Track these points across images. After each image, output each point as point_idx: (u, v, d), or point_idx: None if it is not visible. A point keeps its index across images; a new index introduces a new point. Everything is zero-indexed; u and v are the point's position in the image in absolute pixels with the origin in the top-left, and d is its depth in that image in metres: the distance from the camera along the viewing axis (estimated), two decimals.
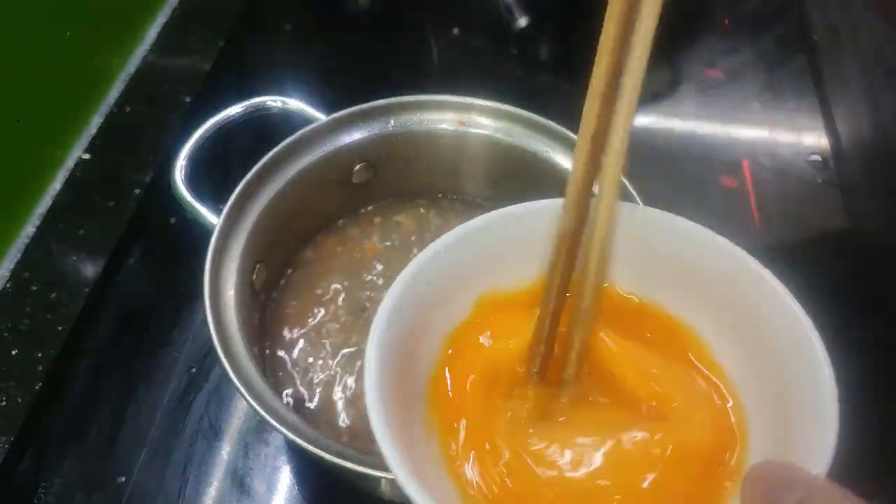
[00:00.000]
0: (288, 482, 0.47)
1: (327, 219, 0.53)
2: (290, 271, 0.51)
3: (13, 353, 0.50)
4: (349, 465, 0.34)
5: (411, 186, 0.54)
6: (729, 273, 0.28)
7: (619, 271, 0.30)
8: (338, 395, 0.45)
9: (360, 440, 0.43)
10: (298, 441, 0.34)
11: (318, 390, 0.45)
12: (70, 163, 0.63)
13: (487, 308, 0.31)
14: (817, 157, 0.66)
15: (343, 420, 0.44)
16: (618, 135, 0.26)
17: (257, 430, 0.49)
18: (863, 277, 0.58)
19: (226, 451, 0.48)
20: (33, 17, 0.58)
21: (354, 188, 0.51)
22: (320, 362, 0.46)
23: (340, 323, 0.48)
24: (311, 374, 0.46)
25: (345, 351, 0.47)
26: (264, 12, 0.78)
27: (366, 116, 0.48)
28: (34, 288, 0.54)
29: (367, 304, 0.49)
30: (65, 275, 0.55)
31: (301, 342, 0.47)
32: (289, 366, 0.46)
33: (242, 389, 0.36)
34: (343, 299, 0.49)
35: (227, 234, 0.43)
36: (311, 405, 0.45)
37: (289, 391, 0.45)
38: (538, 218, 0.30)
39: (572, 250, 0.28)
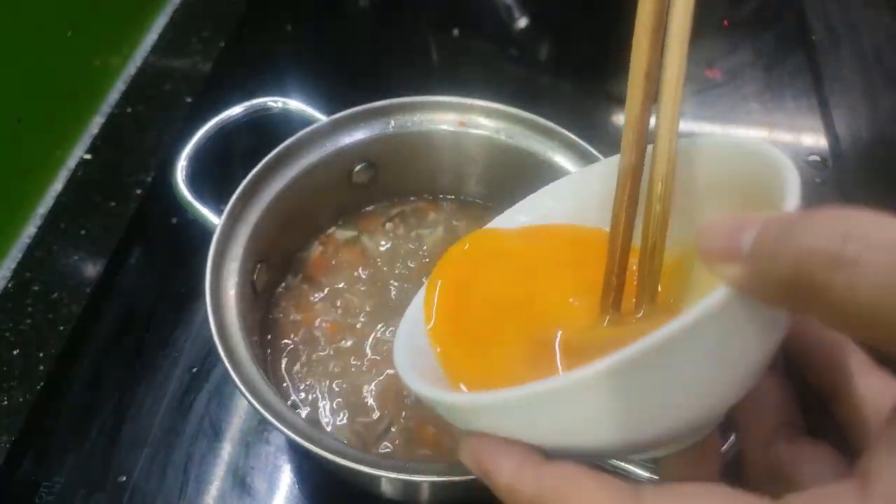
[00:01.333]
0: (289, 481, 0.47)
1: (328, 219, 0.53)
2: (290, 271, 0.51)
3: (14, 352, 0.51)
4: (350, 464, 0.34)
5: (412, 187, 0.54)
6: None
7: None
8: (330, 401, 0.45)
9: None
10: (299, 440, 0.34)
11: (312, 396, 0.45)
12: (71, 163, 0.63)
13: None
14: (816, 158, 0.66)
15: (331, 428, 0.44)
16: (672, 70, 0.27)
17: (258, 429, 0.49)
18: None
19: (227, 450, 0.48)
20: (34, 17, 0.58)
21: (355, 188, 0.52)
22: (317, 363, 0.47)
23: (339, 323, 0.48)
24: (307, 379, 0.46)
25: (342, 352, 0.47)
26: (265, 13, 0.78)
27: (366, 117, 0.48)
28: (35, 288, 0.54)
29: (367, 304, 0.49)
30: (66, 275, 0.55)
31: (300, 344, 0.47)
32: (284, 372, 0.46)
33: (243, 389, 0.36)
34: (342, 299, 0.49)
35: (228, 234, 0.43)
36: (302, 413, 0.44)
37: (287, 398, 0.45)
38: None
39: (634, 188, 0.29)
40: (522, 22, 0.74)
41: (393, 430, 0.44)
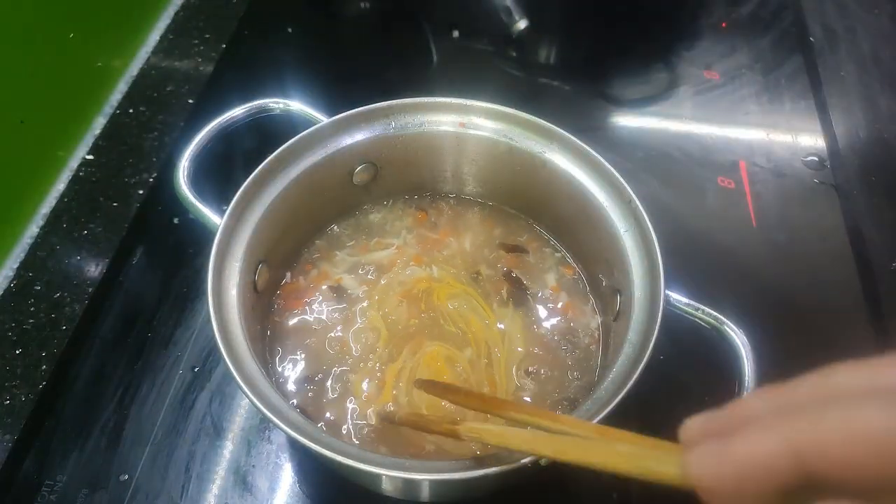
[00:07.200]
0: (290, 479, 0.47)
1: (328, 219, 0.53)
2: (291, 271, 0.51)
3: (17, 352, 0.51)
4: (351, 462, 0.34)
5: (412, 187, 0.55)
6: None
7: None
8: (327, 401, 0.45)
9: None
10: (300, 439, 0.34)
11: (313, 394, 0.46)
12: (73, 163, 0.63)
13: None
14: (814, 158, 0.67)
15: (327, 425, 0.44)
16: None
17: (259, 427, 0.49)
18: (858, 275, 0.58)
19: (228, 448, 0.48)
20: (36, 19, 0.59)
21: (355, 189, 0.52)
22: (318, 361, 0.47)
23: (337, 321, 0.49)
24: (308, 378, 0.46)
25: (343, 350, 0.47)
26: (266, 14, 0.79)
27: (367, 118, 0.49)
28: (38, 287, 0.55)
29: (367, 303, 0.49)
30: (68, 274, 0.55)
31: (300, 343, 0.48)
32: (285, 370, 0.47)
33: (245, 387, 0.36)
34: (342, 298, 0.50)
35: (229, 234, 0.43)
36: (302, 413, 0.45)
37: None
38: None
39: None
40: (522, 24, 0.74)
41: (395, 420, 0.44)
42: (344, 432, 0.44)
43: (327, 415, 0.44)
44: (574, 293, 0.50)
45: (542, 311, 0.49)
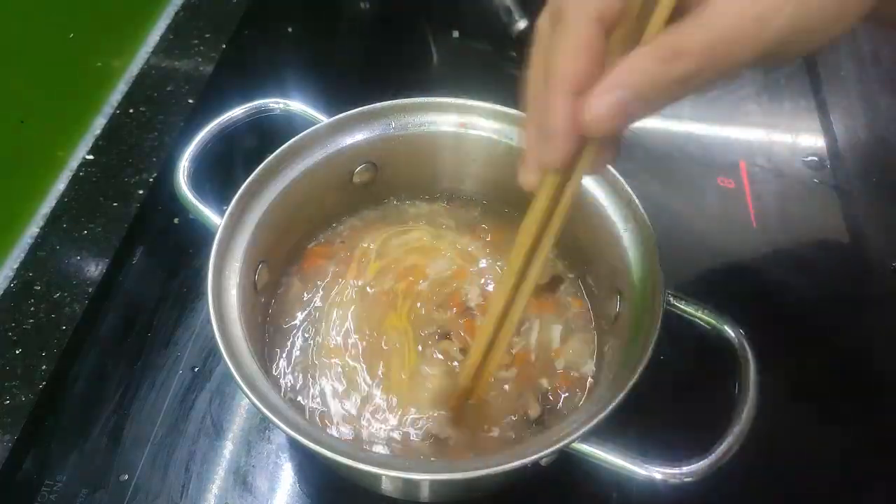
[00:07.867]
0: (290, 479, 0.47)
1: (329, 219, 0.53)
2: (291, 271, 0.51)
3: (17, 352, 0.51)
4: (351, 462, 0.34)
5: (412, 187, 0.55)
6: None
7: None
8: (323, 401, 0.45)
9: None
10: (300, 439, 0.35)
11: (312, 394, 0.46)
12: (73, 163, 0.63)
13: None
14: (814, 158, 0.67)
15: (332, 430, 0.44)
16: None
17: (259, 427, 0.49)
18: (857, 276, 0.58)
19: (228, 448, 0.48)
20: (36, 19, 0.59)
21: (356, 189, 0.52)
22: (318, 360, 0.47)
23: (337, 322, 0.49)
24: (308, 377, 0.46)
25: (343, 349, 0.47)
26: (266, 14, 0.79)
27: (367, 118, 0.49)
28: (38, 287, 0.54)
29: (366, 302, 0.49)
30: (68, 274, 0.55)
31: (299, 343, 0.48)
32: (285, 370, 0.47)
33: (245, 387, 0.36)
34: (343, 298, 0.50)
35: (229, 234, 0.43)
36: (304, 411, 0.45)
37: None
38: None
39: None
40: (522, 24, 0.74)
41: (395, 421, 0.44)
42: (350, 435, 0.44)
43: (328, 416, 0.44)
44: (573, 294, 0.50)
45: (539, 311, 0.49)
